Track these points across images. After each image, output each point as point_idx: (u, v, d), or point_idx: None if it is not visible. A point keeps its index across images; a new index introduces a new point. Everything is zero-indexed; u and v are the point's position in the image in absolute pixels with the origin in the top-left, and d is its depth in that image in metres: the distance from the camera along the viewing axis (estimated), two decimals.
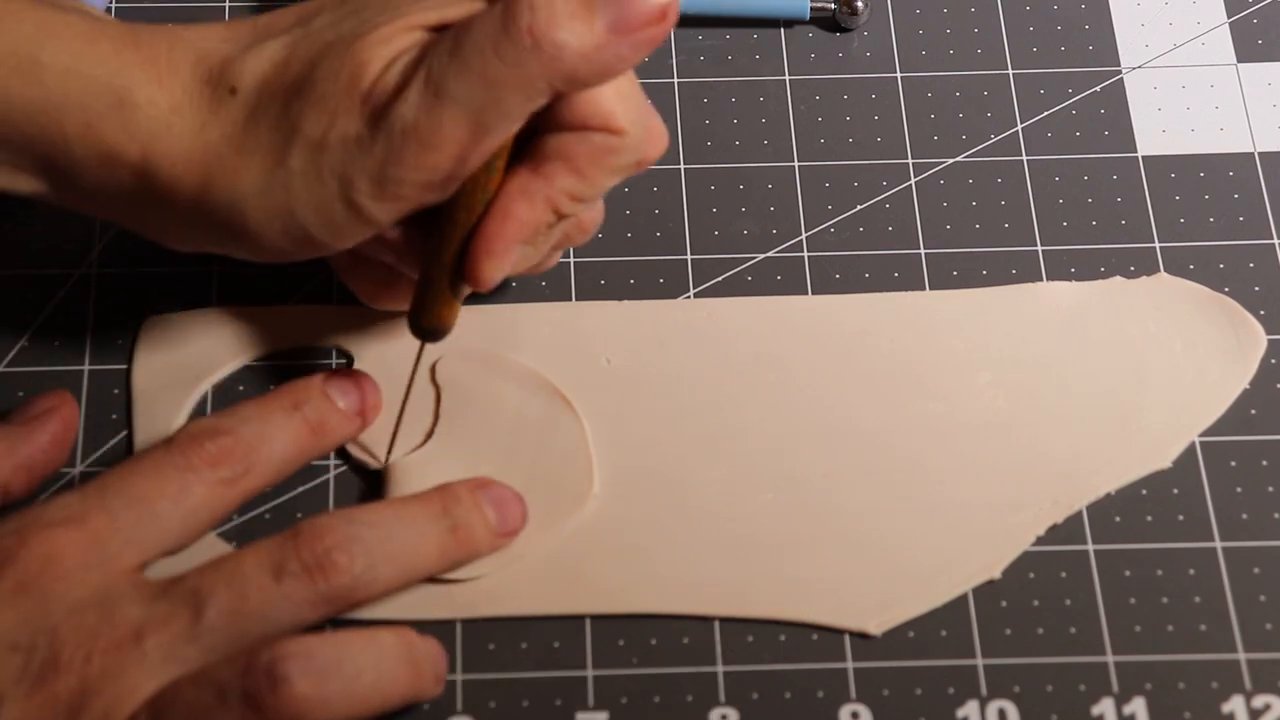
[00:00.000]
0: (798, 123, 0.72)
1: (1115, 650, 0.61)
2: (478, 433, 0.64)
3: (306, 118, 0.56)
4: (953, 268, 0.68)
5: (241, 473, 0.60)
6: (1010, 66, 0.73)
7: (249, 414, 0.61)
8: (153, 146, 0.57)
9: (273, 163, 0.57)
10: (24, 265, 0.68)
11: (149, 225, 0.60)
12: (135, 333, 0.66)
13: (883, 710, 0.60)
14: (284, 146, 0.56)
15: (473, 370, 0.65)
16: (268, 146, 0.57)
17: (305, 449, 0.62)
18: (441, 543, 0.60)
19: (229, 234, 0.58)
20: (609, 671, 0.61)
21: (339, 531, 0.58)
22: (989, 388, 0.66)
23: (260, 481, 0.61)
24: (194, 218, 0.58)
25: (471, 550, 0.61)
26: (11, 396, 0.65)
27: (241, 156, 0.57)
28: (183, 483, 0.59)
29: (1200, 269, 0.68)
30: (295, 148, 0.56)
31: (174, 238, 0.60)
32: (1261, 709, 0.60)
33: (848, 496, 0.64)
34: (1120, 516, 0.64)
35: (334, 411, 0.63)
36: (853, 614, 0.62)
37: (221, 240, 0.59)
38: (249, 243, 0.58)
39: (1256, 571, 0.63)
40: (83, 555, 0.57)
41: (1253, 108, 0.72)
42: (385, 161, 0.56)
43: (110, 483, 0.59)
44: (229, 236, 0.58)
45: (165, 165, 0.57)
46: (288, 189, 0.57)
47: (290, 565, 0.57)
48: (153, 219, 0.59)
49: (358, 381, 0.64)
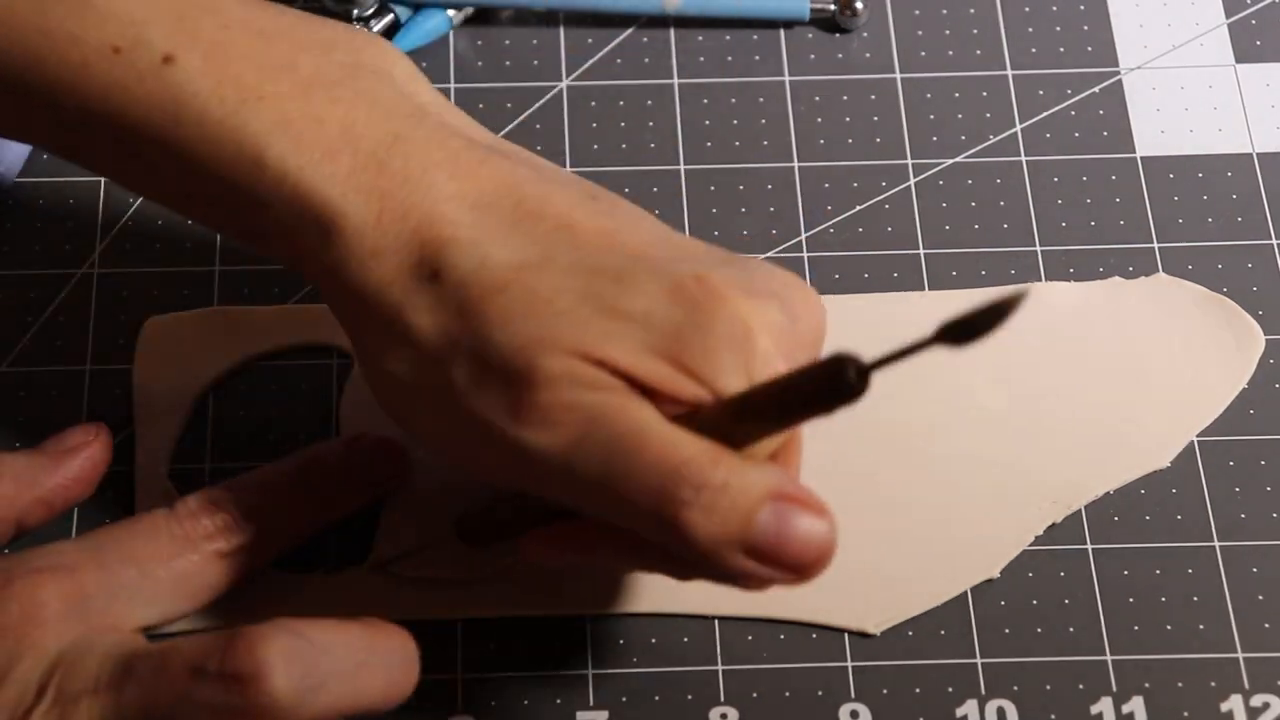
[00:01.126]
0: (797, 123, 0.72)
1: (1114, 649, 0.61)
2: None
3: (466, 375, 0.53)
4: (952, 268, 0.69)
5: (239, 547, 0.59)
6: (1009, 67, 0.73)
7: (255, 486, 0.60)
8: (338, 273, 0.55)
9: (420, 371, 0.54)
10: (26, 265, 0.68)
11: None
12: (137, 333, 0.66)
13: (882, 709, 0.60)
14: (435, 370, 0.54)
15: None
16: (422, 359, 0.54)
17: (310, 524, 0.61)
18: (388, 680, 0.55)
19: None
20: (609, 670, 0.61)
21: (279, 644, 0.52)
22: (988, 387, 0.66)
23: (262, 555, 0.60)
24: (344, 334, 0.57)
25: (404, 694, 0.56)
26: (14, 397, 0.65)
27: (396, 344, 0.54)
28: (178, 551, 0.58)
29: (1199, 269, 0.69)
30: (442, 386, 0.54)
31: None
32: (1260, 708, 0.60)
33: (846, 496, 0.64)
34: (1119, 516, 0.64)
35: (346, 483, 0.61)
36: (852, 613, 0.62)
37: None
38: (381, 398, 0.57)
39: (1255, 571, 0.63)
40: (65, 606, 0.55)
41: (1251, 108, 0.72)
42: (507, 472, 0.54)
43: (107, 538, 0.58)
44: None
45: (340, 295, 0.55)
46: (420, 409, 0.55)
47: (211, 666, 0.52)
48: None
49: (382, 448, 0.62)
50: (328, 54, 0.57)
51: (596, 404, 0.52)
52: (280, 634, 0.53)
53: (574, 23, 0.74)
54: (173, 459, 0.64)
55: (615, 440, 0.52)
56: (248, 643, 0.52)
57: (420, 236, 0.54)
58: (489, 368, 0.53)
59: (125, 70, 0.55)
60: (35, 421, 0.65)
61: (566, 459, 0.52)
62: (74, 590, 0.56)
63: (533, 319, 0.53)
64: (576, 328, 0.53)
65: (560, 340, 0.53)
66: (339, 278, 0.55)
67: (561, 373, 0.52)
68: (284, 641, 0.53)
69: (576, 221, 0.55)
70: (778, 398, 0.52)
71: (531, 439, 0.53)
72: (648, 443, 0.52)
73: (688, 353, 0.53)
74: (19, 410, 0.65)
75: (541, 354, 0.53)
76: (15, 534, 0.61)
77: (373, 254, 0.55)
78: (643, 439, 0.52)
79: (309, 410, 0.65)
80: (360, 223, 0.55)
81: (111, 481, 0.63)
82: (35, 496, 0.60)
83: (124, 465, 0.64)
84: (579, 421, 0.52)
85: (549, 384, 0.52)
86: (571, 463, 0.52)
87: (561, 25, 0.74)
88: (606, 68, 0.73)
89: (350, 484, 0.61)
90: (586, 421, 0.52)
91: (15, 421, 0.65)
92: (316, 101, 0.55)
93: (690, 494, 0.51)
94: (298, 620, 0.54)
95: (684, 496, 0.51)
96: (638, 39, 0.74)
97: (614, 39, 0.74)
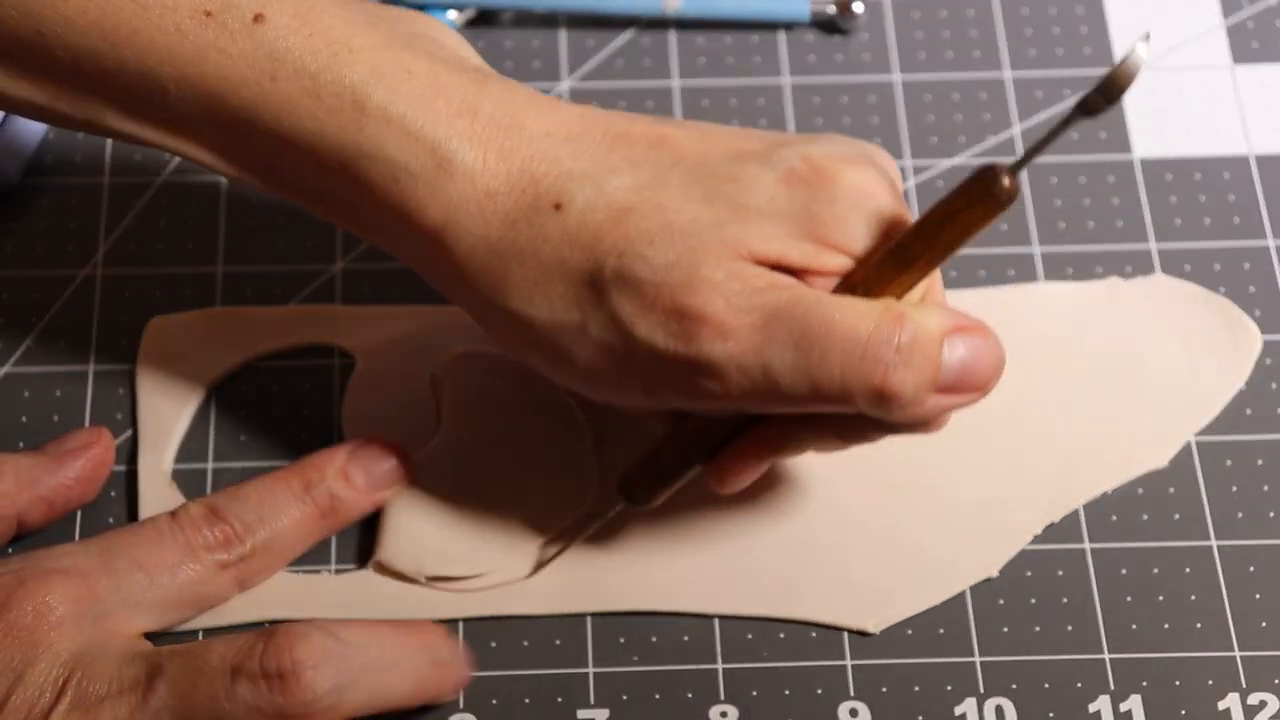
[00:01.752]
0: (797, 124, 0.72)
1: (1112, 648, 0.62)
2: (479, 433, 0.64)
3: (626, 302, 0.54)
4: (951, 268, 0.69)
5: (240, 557, 0.59)
6: (1008, 69, 0.73)
7: (256, 496, 0.60)
8: (456, 219, 0.55)
9: (568, 307, 0.55)
10: (29, 266, 0.68)
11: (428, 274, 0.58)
12: (139, 334, 0.67)
13: (881, 707, 0.61)
14: (589, 305, 0.55)
15: (474, 370, 0.66)
16: (569, 290, 0.55)
17: (312, 532, 0.61)
18: (420, 677, 0.58)
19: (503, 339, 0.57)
20: (610, 669, 0.61)
21: (313, 643, 0.55)
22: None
23: (263, 564, 0.60)
24: (466, 294, 0.57)
25: (440, 692, 0.59)
26: (17, 397, 0.65)
27: (538, 282, 0.55)
28: (181, 559, 0.58)
29: (1196, 270, 0.69)
30: (599, 319, 0.55)
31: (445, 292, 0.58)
32: (1257, 706, 0.61)
33: (846, 496, 0.64)
34: (1117, 515, 0.64)
35: (348, 491, 0.61)
36: (851, 612, 0.62)
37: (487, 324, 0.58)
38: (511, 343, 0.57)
39: (1252, 570, 0.63)
40: (76, 608, 0.56)
41: (1248, 110, 0.72)
42: (684, 390, 0.55)
43: (115, 543, 0.58)
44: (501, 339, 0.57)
45: (464, 241, 0.55)
46: (572, 342, 0.55)
47: (249, 666, 0.55)
48: (431, 274, 0.58)
49: (384, 454, 0.62)
50: (393, 23, 0.57)
51: (770, 300, 0.54)
52: (315, 633, 0.55)
53: (575, 24, 0.74)
54: (175, 459, 0.64)
55: (802, 330, 0.53)
56: (287, 641, 0.55)
57: (530, 174, 0.55)
58: (645, 290, 0.54)
59: (218, 32, 0.55)
60: (38, 421, 0.65)
61: (759, 361, 0.54)
62: (86, 594, 0.56)
63: (675, 232, 0.54)
64: (719, 230, 0.54)
65: (709, 247, 0.54)
66: (459, 224, 0.55)
67: (725, 277, 0.54)
68: (319, 640, 0.55)
69: (667, 135, 0.56)
70: (937, 230, 0.53)
71: (718, 351, 0.54)
72: (833, 323, 0.53)
73: (822, 228, 0.54)
74: (23, 410, 0.65)
75: (699, 264, 0.54)
76: (16, 532, 0.61)
77: (488, 195, 0.55)
78: (828, 321, 0.53)
79: (311, 410, 0.65)
80: (470, 164, 0.55)
81: (114, 481, 0.63)
82: (36, 495, 0.61)
83: (127, 465, 0.64)
84: (758, 323, 0.53)
85: (717, 292, 0.53)
86: (764, 363, 0.54)
87: (563, 27, 0.74)
88: (607, 69, 0.73)
89: (353, 494, 0.62)
90: (767, 320, 0.53)
91: (19, 421, 0.65)
92: (402, 56, 0.56)
93: (891, 355, 0.53)
94: (329, 621, 0.56)
95: (887, 359, 0.53)
96: (638, 41, 0.74)
97: (615, 41, 0.74)
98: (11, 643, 0.55)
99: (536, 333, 0.56)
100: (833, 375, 0.53)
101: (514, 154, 0.55)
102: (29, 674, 0.55)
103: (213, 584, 0.59)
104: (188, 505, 0.60)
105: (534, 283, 0.55)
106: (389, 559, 0.62)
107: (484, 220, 0.55)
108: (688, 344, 0.54)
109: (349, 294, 0.67)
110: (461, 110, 0.56)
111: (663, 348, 0.54)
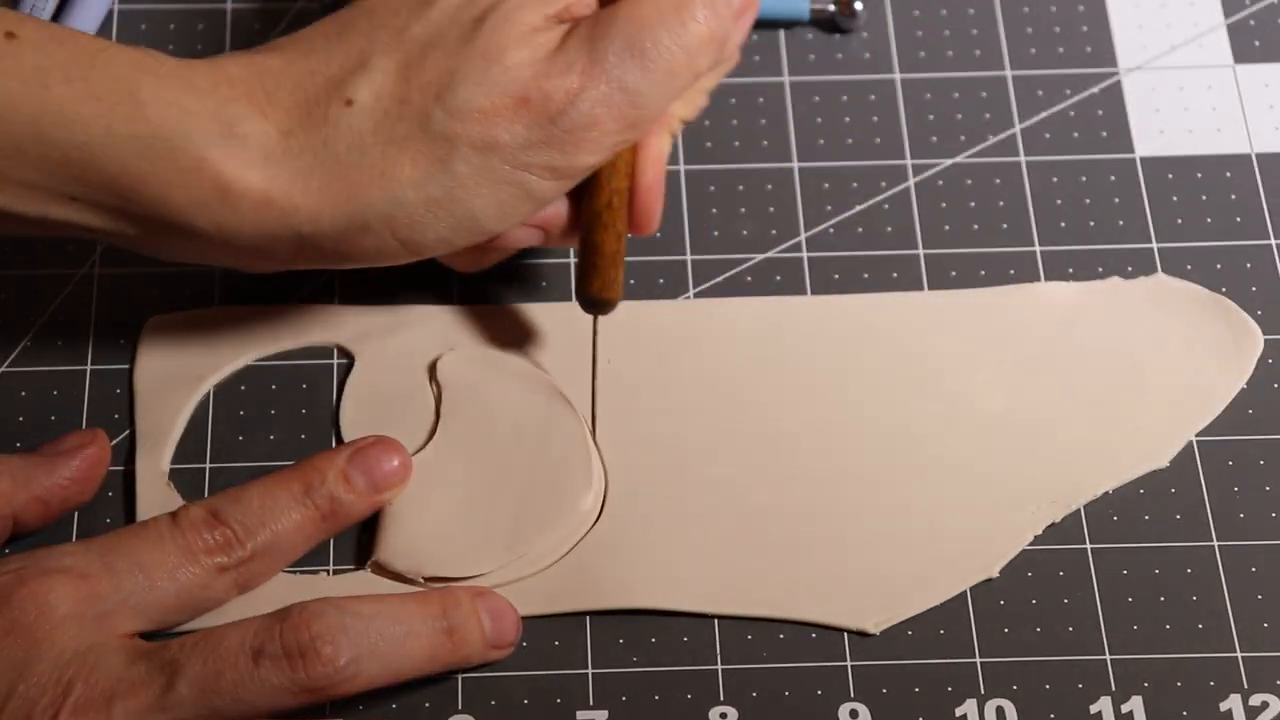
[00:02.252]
0: (797, 124, 0.72)
1: (1113, 649, 0.62)
2: (479, 433, 0.64)
3: (462, 125, 0.57)
4: (951, 268, 0.69)
5: (240, 561, 0.59)
6: (1008, 68, 0.73)
7: (256, 499, 0.60)
8: (273, 173, 0.57)
9: (428, 165, 0.58)
10: (26, 265, 0.68)
11: (276, 256, 0.59)
12: (137, 333, 0.67)
13: (881, 709, 0.61)
14: (440, 151, 0.58)
15: (474, 370, 0.65)
16: (415, 151, 0.58)
17: (312, 535, 0.61)
18: (434, 644, 0.59)
19: (378, 241, 0.59)
20: (609, 670, 0.61)
21: (329, 620, 0.57)
22: (987, 387, 0.66)
23: (263, 568, 0.60)
24: (335, 235, 0.58)
25: (463, 657, 0.59)
26: (14, 397, 0.65)
27: (385, 162, 0.58)
28: (181, 562, 0.58)
29: (1197, 269, 0.69)
30: (457, 153, 0.58)
31: (308, 260, 0.60)
32: (1259, 707, 0.61)
33: (846, 495, 0.64)
34: (1118, 516, 0.64)
35: (348, 494, 0.61)
36: (851, 613, 0.62)
37: (366, 250, 0.59)
38: (407, 244, 0.59)
39: (1254, 570, 0.63)
40: (77, 608, 0.56)
41: (1250, 109, 0.72)
42: (562, 153, 0.58)
43: (115, 544, 0.58)
44: (375, 245, 0.59)
45: (297, 187, 0.57)
46: (454, 188, 0.58)
47: (271, 648, 0.56)
48: (281, 250, 0.59)
49: (384, 455, 0.62)
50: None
51: (584, 40, 0.59)
52: (329, 609, 0.57)
53: None
54: (173, 459, 0.64)
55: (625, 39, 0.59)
56: (303, 619, 0.56)
57: (304, 97, 0.58)
58: (483, 108, 0.58)
59: None
60: (36, 421, 0.65)
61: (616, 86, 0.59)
62: (88, 593, 0.57)
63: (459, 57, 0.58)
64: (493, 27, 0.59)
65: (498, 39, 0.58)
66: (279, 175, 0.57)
67: (530, 51, 0.58)
68: (334, 616, 0.57)
69: (362, 4, 0.60)
70: None
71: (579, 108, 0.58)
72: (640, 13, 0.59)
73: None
74: (20, 410, 0.65)
75: (502, 58, 0.58)
76: (11, 532, 0.61)
77: (284, 134, 0.57)
78: (634, 18, 0.59)
79: (309, 410, 0.65)
80: (250, 116, 0.57)
81: (112, 481, 0.63)
82: (31, 495, 0.61)
83: (124, 465, 0.64)
84: (587, 64, 0.58)
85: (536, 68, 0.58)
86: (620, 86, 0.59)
87: None
88: None
89: (354, 497, 0.62)
90: (592, 56, 0.58)
91: (16, 421, 0.65)
92: (144, 53, 0.58)
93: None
94: (339, 597, 0.58)
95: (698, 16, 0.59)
96: None
97: None
98: (13, 641, 0.55)
99: (410, 211, 0.58)
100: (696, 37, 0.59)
101: (277, 91, 0.58)
102: (33, 674, 0.55)
103: (212, 588, 0.59)
104: (188, 507, 0.60)
105: (386, 173, 0.58)
106: (387, 560, 0.62)
107: (299, 155, 0.57)
108: (551, 122, 0.58)
109: (348, 294, 0.67)
110: (219, 80, 0.58)
111: (526, 139, 0.58)
